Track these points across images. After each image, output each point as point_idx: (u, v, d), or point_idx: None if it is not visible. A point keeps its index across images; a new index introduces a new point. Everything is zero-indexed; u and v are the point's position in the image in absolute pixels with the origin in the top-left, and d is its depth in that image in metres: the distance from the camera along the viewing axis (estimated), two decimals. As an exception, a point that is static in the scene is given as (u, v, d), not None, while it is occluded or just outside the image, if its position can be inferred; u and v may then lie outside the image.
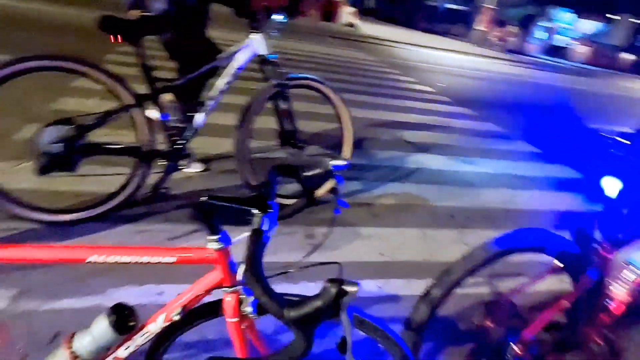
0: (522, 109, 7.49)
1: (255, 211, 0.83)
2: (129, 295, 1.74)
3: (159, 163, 2.23)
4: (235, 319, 0.93)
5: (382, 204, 2.92)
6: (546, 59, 23.52)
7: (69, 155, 1.88)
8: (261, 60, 2.35)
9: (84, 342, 0.90)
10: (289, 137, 2.48)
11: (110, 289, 1.75)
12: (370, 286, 2.08)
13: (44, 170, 1.86)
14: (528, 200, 3.44)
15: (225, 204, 0.83)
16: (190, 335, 1.04)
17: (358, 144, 3.77)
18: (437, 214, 2.92)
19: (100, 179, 2.27)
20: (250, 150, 2.39)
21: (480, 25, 21.49)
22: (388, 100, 5.90)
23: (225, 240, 0.87)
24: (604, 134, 1.41)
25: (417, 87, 7.43)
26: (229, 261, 0.89)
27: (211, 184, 2.72)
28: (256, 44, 2.30)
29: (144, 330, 0.93)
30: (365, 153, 3.76)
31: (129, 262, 0.84)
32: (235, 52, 2.31)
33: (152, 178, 2.24)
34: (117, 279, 1.80)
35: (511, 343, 1.29)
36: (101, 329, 0.89)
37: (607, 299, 1.37)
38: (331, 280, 0.65)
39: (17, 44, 4.94)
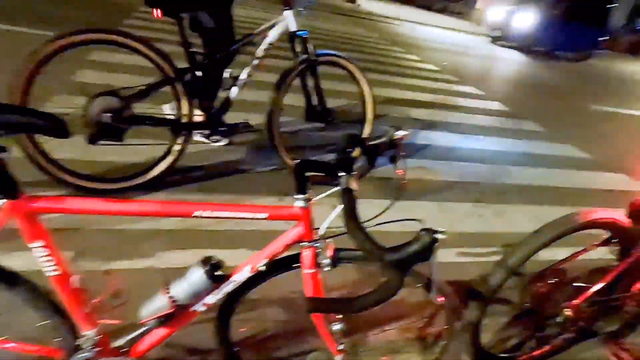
0: (526, 89, 7.58)
1: (342, 173, 0.93)
2: (177, 257, 1.86)
3: (196, 135, 2.32)
4: (312, 270, 1.05)
5: (399, 178, 3.03)
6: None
7: (116, 125, 1.96)
8: (291, 37, 2.41)
9: (181, 288, 1.01)
10: (317, 112, 2.57)
11: (159, 252, 1.87)
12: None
13: (93, 138, 1.95)
14: (540, 176, 3.58)
15: (315, 166, 0.93)
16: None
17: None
18: (451, 188, 3.05)
19: (142, 149, 2.36)
20: (279, 124, 2.48)
21: (479, 3, 21.28)
22: (394, 78, 5.95)
23: (309, 200, 0.98)
24: None
25: (421, 65, 7.46)
26: (311, 218, 1.00)
27: (237, 155, 2.82)
28: (289, 20, 2.36)
29: (231, 279, 1.05)
30: (377, 130, 3.85)
31: (229, 218, 0.95)
32: (269, 28, 2.37)
33: (189, 149, 2.33)
34: (163, 244, 1.92)
35: (564, 309, 1.41)
36: (196, 277, 1.00)
37: None
38: (424, 229, 0.77)
39: (37, 16, 4.90)
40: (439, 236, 0.77)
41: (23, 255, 1.55)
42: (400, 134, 1.11)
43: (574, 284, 1.47)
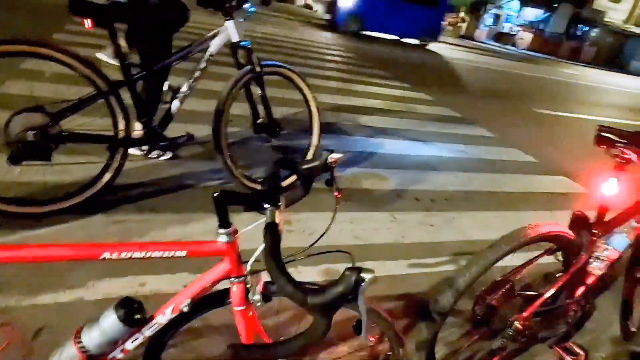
0: (474, 93, 7.84)
1: (267, 205, 0.87)
2: (111, 287, 1.72)
3: (134, 151, 2.18)
4: (242, 307, 0.98)
5: (351, 188, 3.01)
6: (494, 45, 24.50)
7: (42, 143, 1.80)
8: (234, 47, 2.33)
9: (92, 336, 0.90)
10: (264, 124, 2.50)
11: (90, 282, 1.73)
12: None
13: (15, 159, 1.78)
14: (486, 181, 3.66)
15: (236, 197, 0.86)
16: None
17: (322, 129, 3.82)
18: (402, 197, 3.05)
19: (73, 168, 2.19)
20: (227, 136, 2.38)
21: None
22: (345, 85, 5.98)
23: (234, 233, 0.90)
24: None
25: (374, 71, 7.55)
26: (237, 252, 0.92)
27: (181, 170, 2.69)
28: (230, 30, 2.28)
29: (153, 322, 0.96)
30: (329, 138, 3.83)
31: (143, 258, 0.86)
32: (210, 39, 2.28)
33: (126, 166, 2.19)
34: (95, 272, 1.77)
35: (514, 321, 1.41)
36: (110, 322, 0.90)
37: (586, 274, 1.56)
38: (350, 269, 0.71)
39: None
40: (366, 276, 0.71)
41: None
42: (334, 156, 1.05)
43: (522, 293, 1.48)
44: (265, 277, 0.98)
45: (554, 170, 4.34)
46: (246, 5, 2.38)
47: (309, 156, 2.79)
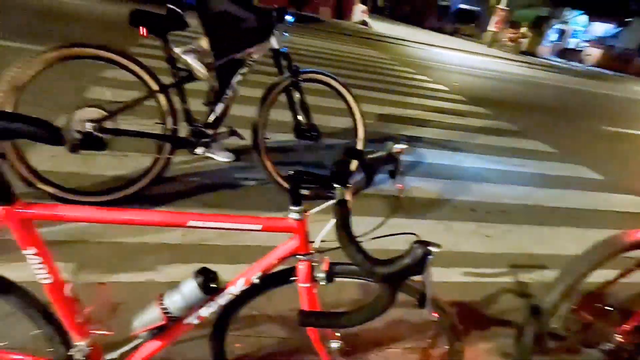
0: (535, 109, 7.54)
1: (337, 185, 0.93)
2: (178, 271, 1.85)
3: (181, 149, 2.35)
4: (308, 284, 1.04)
5: (405, 197, 3.01)
6: (559, 62, 23.43)
7: (98, 136, 2.01)
8: (275, 54, 2.46)
9: (174, 300, 1.00)
10: (304, 129, 2.58)
11: (160, 266, 1.87)
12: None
13: (73, 148, 2.00)
14: (546, 196, 3.52)
15: (310, 177, 0.93)
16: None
17: (377, 139, 3.87)
18: (458, 208, 3.01)
19: (126, 163, 2.39)
20: (265, 141, 2.49)
21: (493, 26, 21.39)
22: (404, 98, 5.99)
23: (304, 211, 0.97)
24: None
25: (432, 85, 7.50)
26: (306, 231, 0.99)
27: (227, 169, 2.83)
28: (272, 39, 2.41)
29: (225, 291, 1.04)
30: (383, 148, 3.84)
31: (223, 228, 0.94)
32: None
33: (175, 163, 2.35)
34: (165, 257, 1.92)
35: (614, 335, 1.36)
36: (189, 288, 0.99)
37: None
38: (418, 242, 0.75)
39: (51, 35, 5.07)
40: (432, 249, 0.75)
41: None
42: (398, 147, 1.10)
43: (619, 308, 1.42)
44: (329, 258, 1.03)
45: (623, 189, 4.08)
46: (288, 18, 2.50)
47: (353, 167, 2.81)
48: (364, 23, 18.68)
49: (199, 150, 2.46)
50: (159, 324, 1.00)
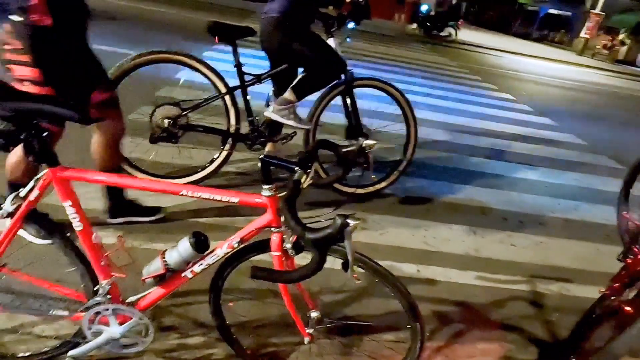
0: (614, 123, 6.98)
1: (297, 168, 1.12)
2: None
3: (242, 144, 2.64)
4: (278, 253, 1.23)
5: (437, 200, 3.07)
6: (661, 72, 21.04)
7: (172, 130, 2.37)
8: None
9: (172, 255, 1.25)
10: (354, 132, 2.74)
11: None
12: (409, 269, 2.28)
13: (153, 139, 2.39)
14: (595, 212, 3.35)
15: (277, 162, 1.13)
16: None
17: (426, 144, 3.93)
18: (489, 215, 3.00)
19: (194, 155, 2.74)
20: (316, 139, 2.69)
21: (585, 32, 19.79)
22: (462, 105, 5.91)
23: (275, 189, 1.17)
24: None
25: (496, 94, 7.28)
26: (277, 207, 1.19)
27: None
28: (332, 45, 2.61)
29: (213, 252, 1.27)
30: (431, 153, 3.90)
31: (207, 199, 1.18)
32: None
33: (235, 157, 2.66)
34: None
35: None
36: (184, 247, 1.23)
37: None
38: (339, 215, 0.92)
39: (136, 40, 5.79)
40: (351, 221, 0.91)
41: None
42: (369, 142, 1.26)
43: None
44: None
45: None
46: (350, 26, 2.68)
47: (401, 167, 2.92)
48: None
49: (257, 147, 2.74)
50: (160, 272, 1.26)
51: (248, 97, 2.58)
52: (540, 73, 11.51)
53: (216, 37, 2.40)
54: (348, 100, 2.67)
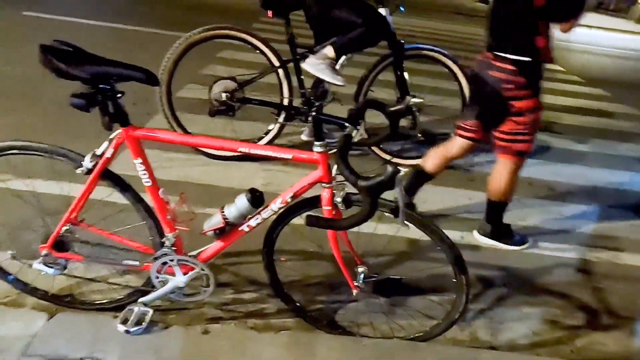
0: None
1: (347, 125, 1.17)
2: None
3: (295, 117, 2.70)
4: (329, 207, 1.30)
5: (481, 171, 3.03)
6: None
7: (229, 103, 2.48)
8: None
9: (230, 210, 1.35)
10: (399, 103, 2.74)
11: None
12: (453, 235, 2.29)
13: (212, 113, 2.52)
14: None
15: (328, 118, 1.19)
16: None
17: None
18: (534, 185, 2.94)
19: (245, 128, 2.86)
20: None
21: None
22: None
23: (326, 146, 1.23)
24: None
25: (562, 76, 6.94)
26: (328, 163, 1.25)
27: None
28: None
29: (268, 207, 1.36)
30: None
31: (263, 155, 1.26)
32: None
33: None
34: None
35: None
36: (241, 201, 1.33)
37: None
38: (390, 163, 0.97)
39: (177, 22, 5.95)
40: (402, 168, 0.96)
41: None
42: (416, 101, 1.29)
43: None
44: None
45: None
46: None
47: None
48: (484, 1, 17.50)
49: (309, 119, 2.80)
50: (220, 225, 1.36)
51: (301, 70, 2.62)
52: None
53: (269, 12, 2.46)
54: (399, 73, 2.63)
